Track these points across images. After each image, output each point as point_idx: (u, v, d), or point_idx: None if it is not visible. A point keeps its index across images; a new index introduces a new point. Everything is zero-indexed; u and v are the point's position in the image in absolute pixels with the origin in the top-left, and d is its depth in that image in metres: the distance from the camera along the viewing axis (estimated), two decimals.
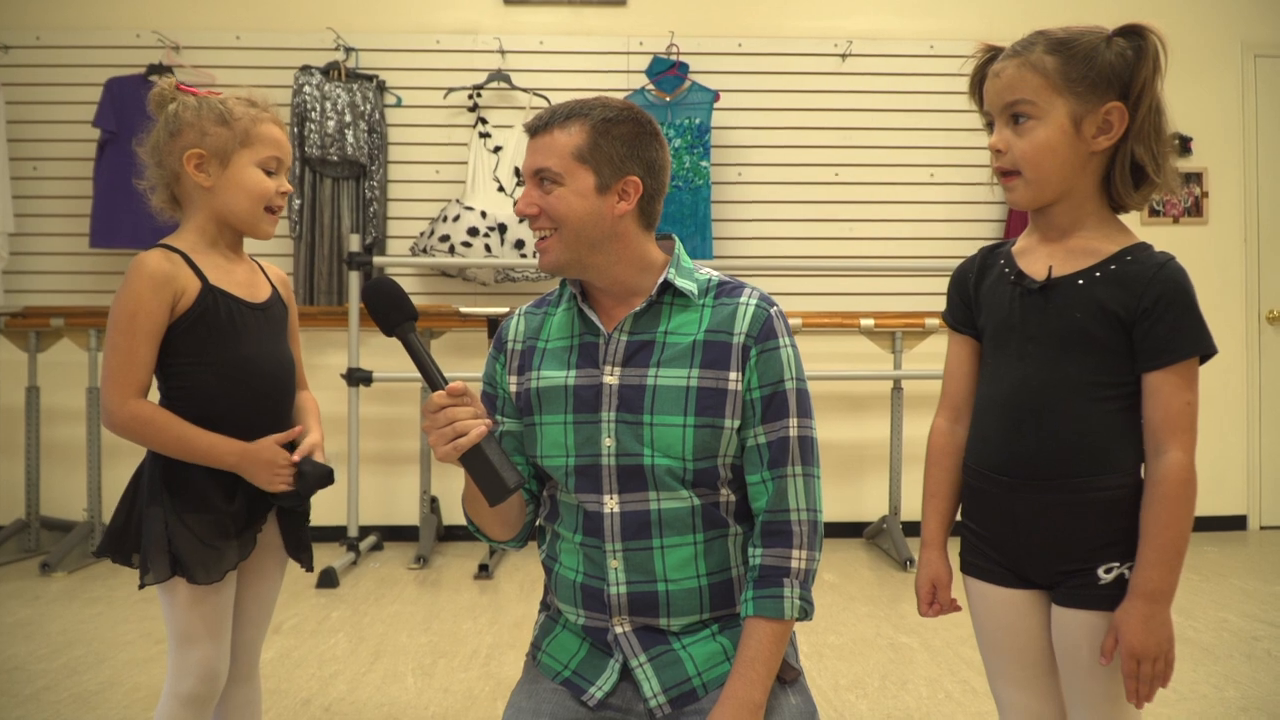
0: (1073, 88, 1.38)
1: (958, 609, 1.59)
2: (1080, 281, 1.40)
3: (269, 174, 1.77)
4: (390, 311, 1.47)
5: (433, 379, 1.44)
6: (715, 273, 1.63)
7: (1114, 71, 1.38)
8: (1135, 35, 1.39)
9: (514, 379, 1.64)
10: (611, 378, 1.54)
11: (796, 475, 1.53)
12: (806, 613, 1.51)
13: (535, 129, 1.55)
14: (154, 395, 1.74)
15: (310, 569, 1.89)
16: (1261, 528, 5.25)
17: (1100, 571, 1.40)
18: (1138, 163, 1.40)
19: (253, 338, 1.77)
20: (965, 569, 1.55)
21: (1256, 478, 5.24)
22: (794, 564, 1.51)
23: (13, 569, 4.36)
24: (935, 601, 1.59)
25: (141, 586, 1.71)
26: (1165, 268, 1.37)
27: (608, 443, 1.52)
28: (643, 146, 1.55)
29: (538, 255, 1.56)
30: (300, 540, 1.87)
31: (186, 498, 1.71)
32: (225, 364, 1.74)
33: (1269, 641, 3.31)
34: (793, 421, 1.53)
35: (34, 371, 4.71)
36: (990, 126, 1.48)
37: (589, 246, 1.53)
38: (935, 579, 1.58)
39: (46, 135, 4.91)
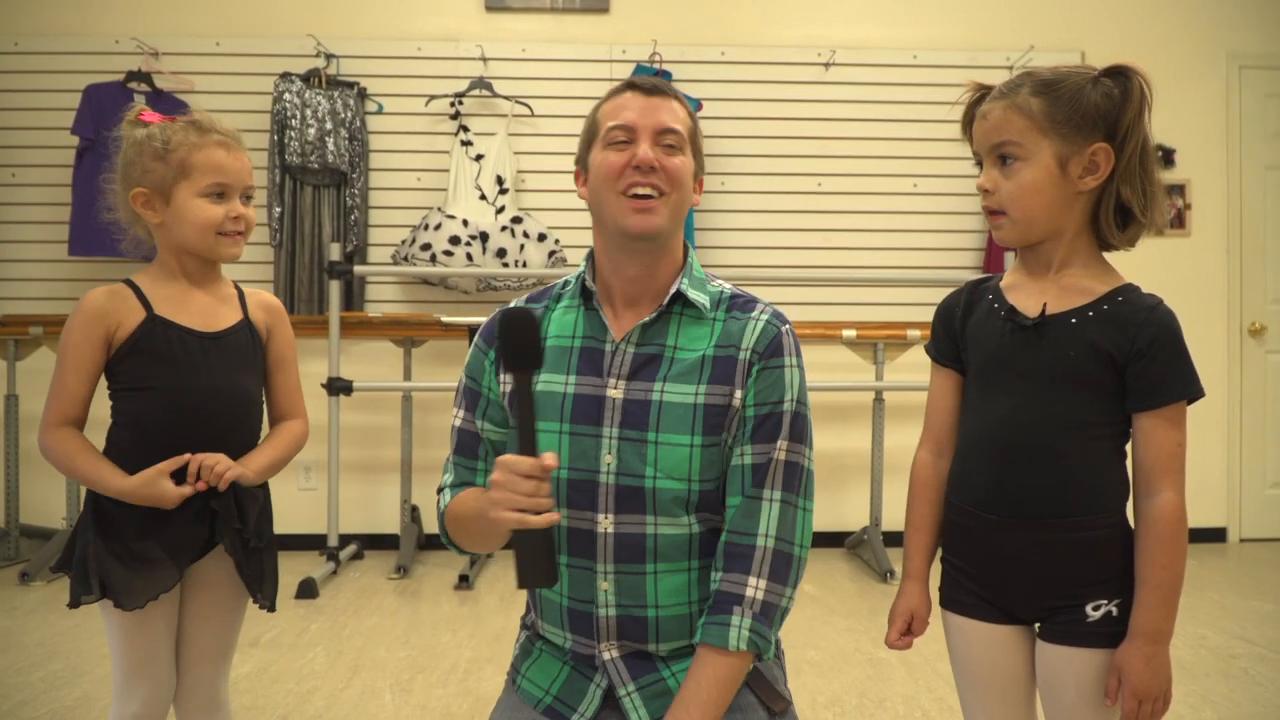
0: (1058, 129, 1.39)
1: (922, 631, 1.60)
2: (1074, 320, 1.41)
3: (217, 199, 1.76)
4: (522, 351, 1.34)
5: (526, 438, 1.30)
6: (728, 285, 1.59)
7: (1100, 113, 1.39)
8: (1121, 76, 1.40)
9: (506, 377, 1.56)
10: (616, 391, 1.48)
11: (773, 500, 1.45)
12: (759, 649, 1.41)
13: (651, 89, 1.52)
14: (100, 416, 1.79)
15: (268, 608, 1.86)
16: (1241, 540, 5.27)
17: (1088, 609, 1.41)
18: (1124, 203, 1.41)
19: (197, 366, 1.76)
20: (946, 604, 1.55)
21: (1237, 490, 5.27)
22: (748, 592, 1.42)
23: None
24: (909, 633, 1.59)
25: (70, 606, 1.73)
26: (1157, 310, 1.39)
27: (608, 459, 1.46)
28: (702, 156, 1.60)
29: (639, 213, 1.47)
30: (260, 570, 1.84)
31: (112, 522, 1.72)
32: (164, 391, 1.74)
33: (1246, 660, 3.32)
34: (782, 444, 1.47)
35: (12, 379, 4.67)
36: (981, 165, 1.48)
37: (678, 225, 1.52)
38: (914, 611, 1.59)
39: (25, 142, 4.88)
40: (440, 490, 1.64)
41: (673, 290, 1.51)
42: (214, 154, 1.76)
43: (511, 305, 1.47)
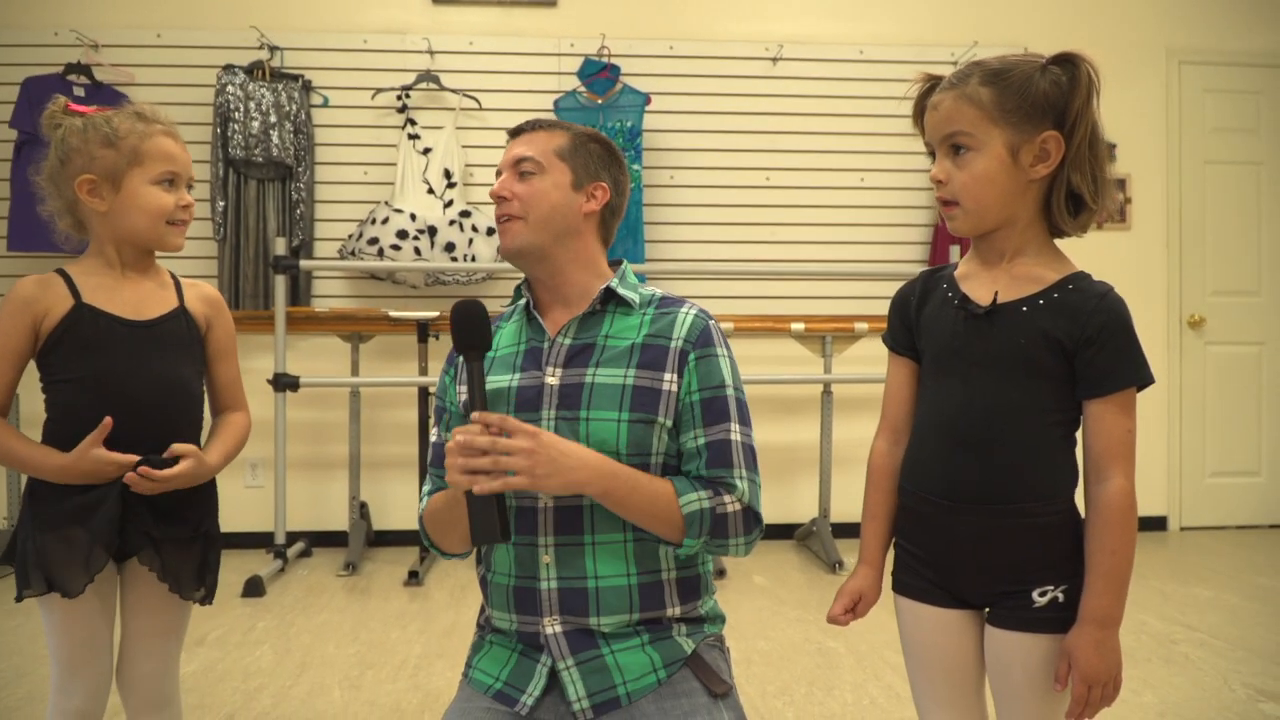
0: (1008, 118, 1.40)
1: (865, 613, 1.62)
2: (1024, 308, 1.43)
3: (168, 186, 1.76)
4: (472, 337, 1.50)
5: (481, 409, 1.47)
6: (659, 290, 1.71)
7: (1049, 100, 1.40)
8: (1069, 64, 1.41)
9: (463, 388, 1.67)
10: (553, 378, 1.60)
11: (743, 479, 1.58)
12: (693, 526, 1.53)
13: (519, 130, 1.69)
14: (38, 411, 1.76)
15: (202, 601, 1.84)
16: (1182, 529, 5.40)
17: (1035, 594, 1.43)
18: (1075, 190, 1.42)
19: (125, 354, 1.74)
20: (898, 588, 1.57)
21: (1177, 479, 5.38)
22: (725, 500, 1.56)
23: None
24: (852, 613, 1.60)
25: (16, 600, 1.72)
26: (1107, 298, 1.40)
27: None
28: (613, 166, 1.71)
29: (500, 236, 1.65)
30: (202, 564, 1.82)
31: (46, 509, 1.71)
32: (91, 380, 1.72)
33: (1187, 645, 3.40)
34: (735, 427, 1.59)
35: None
36: (933, 156, 1.49)
37: (552, 237, 1.64)
38: (863, 593, 1.60)
39: None
40: (420, 500, 1.74)
41: (604, 287, 1.64)
42: (164, 142, 1.76)
43: (469, 300, 1.57)
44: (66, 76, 4.61)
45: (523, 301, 1.71)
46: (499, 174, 1.67)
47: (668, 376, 1.58)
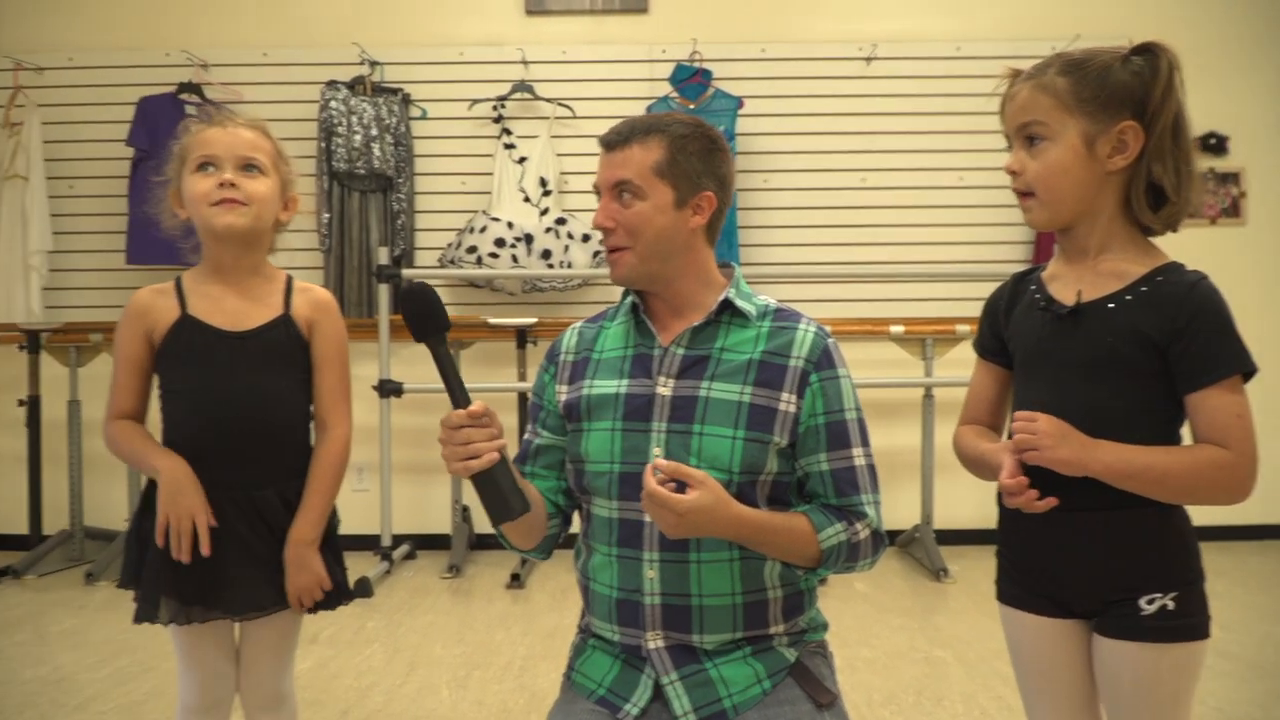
0: (1084, 107, 1.38)
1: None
2: (1111, 305, 1.40)
3: (208, 171, 1.75)
4: (425, 320, 1.44)
5: (455, 395, 1.42)
6: (772, 300, 1.66)
7: (1127, 90, 1.37)
8: (1149, 53, 1.38)
9: (563, 388, 1.66)
10: (665, 389, 1.56)
11: (871, 504, 1.56)
12: (829, 558, 1.52)
13: (612, 143, 1.59)
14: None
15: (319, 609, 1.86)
16: None
17: (1143, 602, 1.39)
18: (1156, 183, 1.39)
19: (221, 367, 1.75)
20: (1002, 598, 1.55)
21: None
22: (858, 528, 1.54)
23: (58, 578, 4.45)
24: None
25: (135, 622, 1.78)
26: (1197, 287, 1.36)
27: (656, 452, 1.53)
28: (716, 162, 1.60)
29: (609, 265, 1.61)
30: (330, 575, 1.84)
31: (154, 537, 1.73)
32: (186, 391, 1.76)
33: None
34: (858, 451, 1.57)
35: (74, 385, 4.79)
36: (1011, 149, 1.48)
37: (661, 259, 1.57)
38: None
39: (82, 154, 5.00)
40: None
41: (721, 299, 1.59)
42: (203, 133, 1.77)
43: (414, 283, 1.54)
44: (179, 95, 4.80)
45: (629, 301, 1.65)
46: (597, 191, 1.61)
47: (785, 396, 1.54)
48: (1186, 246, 1.45)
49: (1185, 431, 1.42)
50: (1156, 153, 1.38)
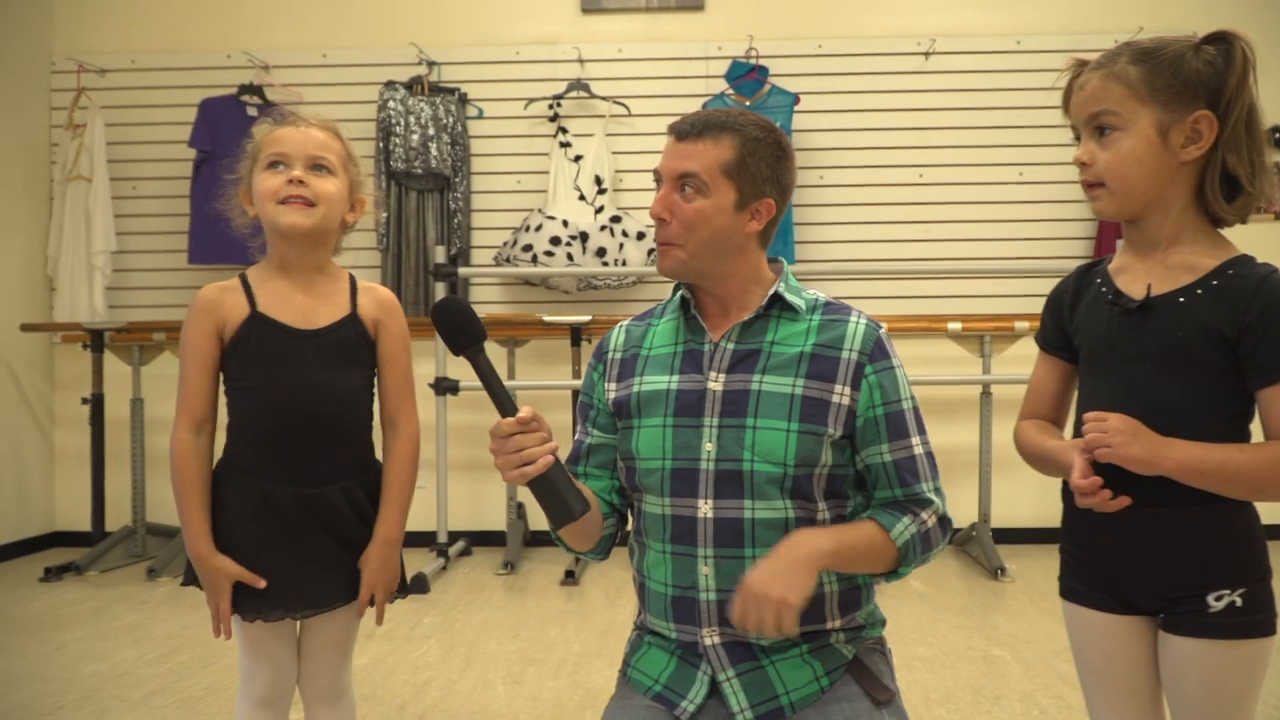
0: (1157, 96, 1.36)
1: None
2: (1181, 299, 1.37)
3: (278, 169, 1.77)
4: (458, 334, 1.45)
5: (501, 404, 1.42)
6: (822, 294, 1.65)
7: (1201, 80, 1.35)
8: (1223, 42, 1.36)
9: (612, 386, 1.66)
10: (716, 384, 1.55)
11: (933, 491, 1.56)
12: (908, 556, 1.52)
13: (684, 133, 1.56)
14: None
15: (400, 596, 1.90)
16: None
17: (1210, 599, 1.37)
18: (1230, 173, 1.36)
19: (294, 365, 1.76)
20: (1065, 594, 1.53)
21: None
22: (924, 516, 1.54)
23: (121, 574, 4.54)
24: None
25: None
26: (1269, 280, 1.33)
27: (708, 447, 1.53)
28: (782, 169, 1.59)
29: (658, 255, 1.60)
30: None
31: (234, 535, 1.76)
32: (260, 389, 1.76)
33: None
34: (916, 439, 1.56)
35: (138, 384, 4.88)
36: (1079, 140, 1.45)
37: (712, 258, 1.56)
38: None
39: (144, 156, 5.12)
40: None
41: (771, 293, 1.58)
42: (275, 132, 1.78)
43: (443, 297, 1.54)
44: (240, 97, 4.89)
45: (679, 297, 1.65)
46: (657, 178, 1.59)
47: (839, 388, 1.53)
48: (1250, 241, 1.41)
49: (1255, 427, 1.39)
50: (1231, 143, 1.35)
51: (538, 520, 5.02)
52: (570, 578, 4.30)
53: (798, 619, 1.38)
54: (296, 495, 1.76)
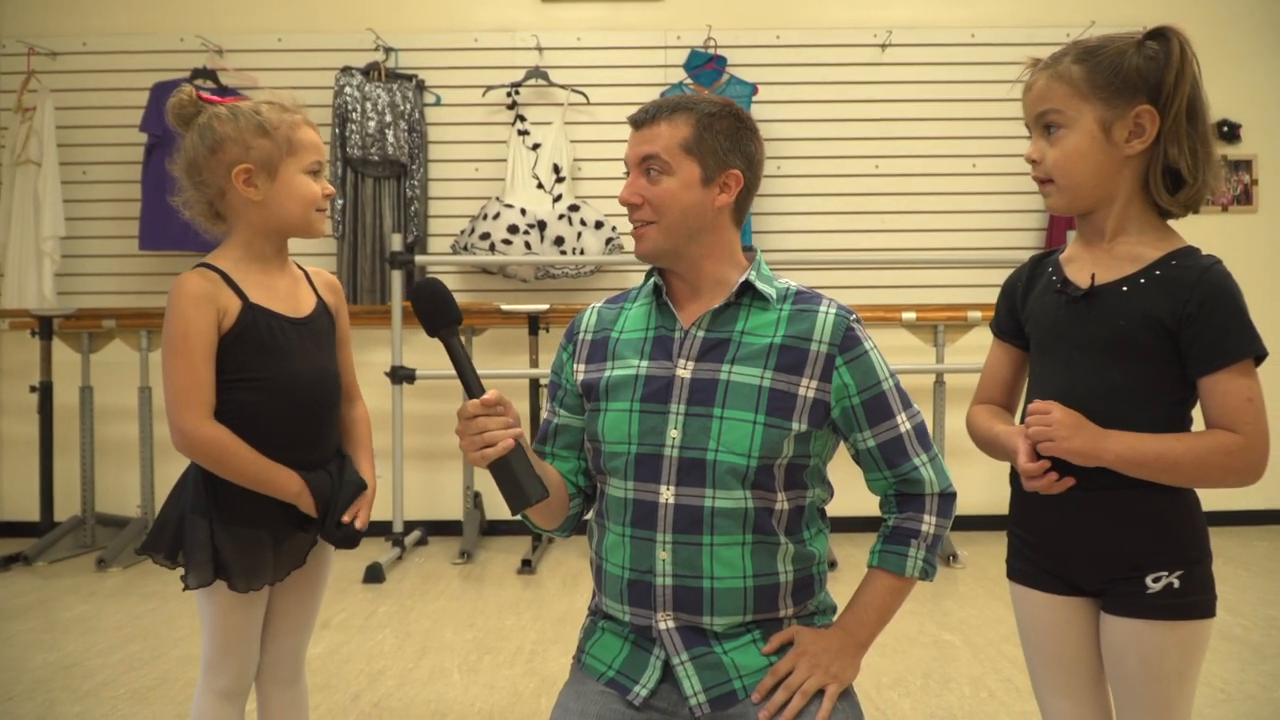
0: (1099, 94, 1.39)
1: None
2: (1124, 288, 1.40)
3: (316, 176, 1.78)
4: (435, 315, 1.47)
5: (470, 385, 1.45)
6: (794, 283, 1.66)
7: (1142, 75, 1.38)
8: (1162, 37, 1.39)
9: (581, 367, 1.67)
10: (684, 371, 1.56)
11: (924, 464, 1.58)
12: (928, 574, 1.58)
13: (641, 121, 1.60)
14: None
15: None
16: None
17: (1149, 580, 1.40)
18: (1172, 165, 1.40)
19: (295, 354, 1.77)
20: (1012, 575, 1.56)
21: None
22: (924, 528, 1.57)
23: (70, 565, 4.48)
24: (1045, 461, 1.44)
25: (186, 589, 1.73)
26: (1210, 271, 1.37)
27: (673, 434, 1.54)
28: (743, 141, 1.61)
29: (635, 240, 1.61)
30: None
31: (232, 508, 1.73)
32: (269, 381, 1.74)
33: None
34: (901, 418, 1.57)
35: (87, 372, 4.81)
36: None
37: (687, 237, 1.58)
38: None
39: (95, 140, 5.03)
40: None
41: (741, 280, 1.59)
42: (310, 133, 1.78)
43: (423, 279, 1.58)
44: (194, 81, 4.80)
45: (652, 283, 1.66)
46: (626, 171, 1.61)
47: (805, 381, 1.54)
48: (1199, 233, 1.45)
49: (1197, 413, 1.42)
50: (1172, 136, 1.38)
51: (495, 509, 5.02)
52: (527, 566, 4.30)
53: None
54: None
